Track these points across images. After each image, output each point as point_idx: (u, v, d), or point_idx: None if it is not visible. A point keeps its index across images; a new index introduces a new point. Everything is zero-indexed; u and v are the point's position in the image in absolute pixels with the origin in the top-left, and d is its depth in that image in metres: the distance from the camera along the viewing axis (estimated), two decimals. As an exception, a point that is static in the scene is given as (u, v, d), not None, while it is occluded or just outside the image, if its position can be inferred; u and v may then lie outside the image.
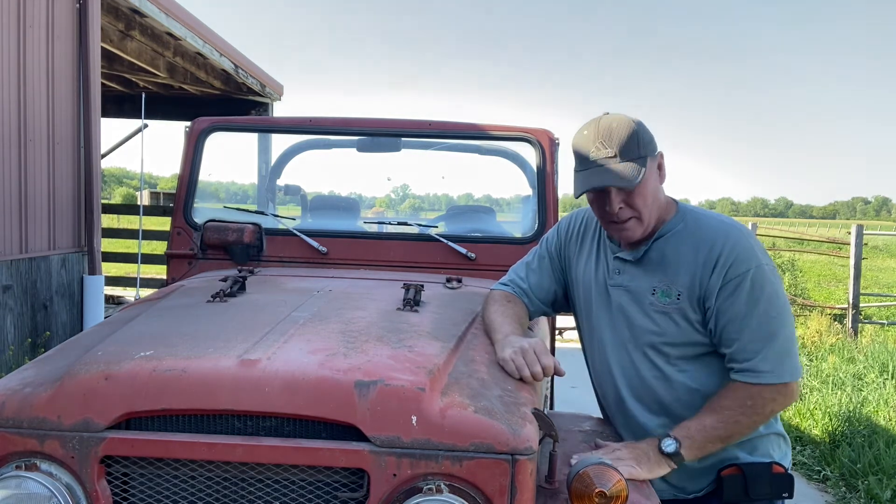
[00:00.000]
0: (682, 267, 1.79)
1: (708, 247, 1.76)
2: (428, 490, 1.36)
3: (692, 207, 1.89)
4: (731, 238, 1.76)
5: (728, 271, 1.73)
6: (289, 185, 3.63)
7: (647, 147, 1.77)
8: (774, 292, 1.75)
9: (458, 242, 2.78)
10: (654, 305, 1.81)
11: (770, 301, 1.73)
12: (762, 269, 1.73)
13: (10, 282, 5.06)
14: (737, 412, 1.71)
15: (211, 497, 1.43)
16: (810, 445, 4.91)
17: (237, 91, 10.43)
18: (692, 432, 1.72)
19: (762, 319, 1.72)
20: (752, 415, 1.72)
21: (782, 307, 1.75)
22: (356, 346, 1.57)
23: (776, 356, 1.71)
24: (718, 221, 1.82)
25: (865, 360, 6.81)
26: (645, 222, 1.80)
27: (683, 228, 1.83)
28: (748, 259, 1.73)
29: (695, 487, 1.87)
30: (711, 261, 1.75)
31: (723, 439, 1.73)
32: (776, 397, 1.72)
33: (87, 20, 5.82)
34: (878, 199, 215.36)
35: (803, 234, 20.45)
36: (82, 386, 1.43)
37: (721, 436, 1.72)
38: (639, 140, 1.75)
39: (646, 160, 1.75)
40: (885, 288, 14.62)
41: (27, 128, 5.19)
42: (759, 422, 1.76)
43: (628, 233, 1.81)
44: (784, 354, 1.72)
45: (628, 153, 1.73)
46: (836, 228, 46.08)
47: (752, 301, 1.72)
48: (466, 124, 3.01)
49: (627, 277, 1.87)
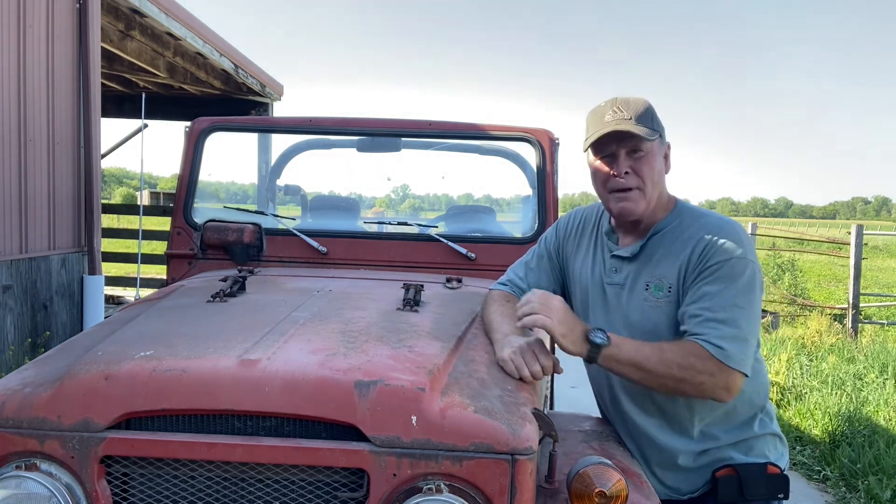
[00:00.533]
0: (672, 260, 1.79)
1: (697, 240, 1.77)
2: (428, 490, 1.36)
3: (691, 206, 1.90)
4: (722, 231, 1.76)
5: (710, 258, 1.73)
6: (289, 185, 3.64)
7: (660, 126, 1.81)
8: (749, 286, 1.71)
9: (458, 242, 2.79)
10: (648, 301, 1.81)
11: (741, 291, 1.70)
12: (744, 261, 1.72)
13: (10, 282, 5.06)
14: (674, 361, 1.65)
15: (211, 497, 1.43)
16: (810, 445, 4.91)
17: (237, 91, 10.43)
18: (624, 344, 1.67)
19: (727, 301, 1.68)
20: (684, 372, 1.64)
21: (750, 303, 1.70)
22: (356, 346, 1.57)
23: (732, 339, 1.66)
24: (714, 218, 1.83)
25: (865, 360, 6.80)
26: (647, 196, 1.80)
27: (678, 225, 1.83)
28: (732, 249, 1.73)
29: (689, 488, 1.87)
30: (697, 251, 1.75)
31: (643, 371, 1.66)
32: (715, 376, 1.65)
33: (87, 20, 5.82)
34: (878, 199, 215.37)
35: (803, 234, 20.46)
36: (82, 386, 1.43)
37: (645, 367, 1.66)
38: (653, 115, 1.80)
39: (658, 135, 1.79)
40: (885, 288, 14.63)
41: (27, 128, 5.19)
42: (685, 388, 1.67)
43: (630, 203, 1.80)
44: (738, 342, 1.66)
45: (643, 121, 1.77)
46: (836, 228, 46.08)
47: (725, 282, 1.70)
48: (466, 124, 3.02)
49: (623, 275, 1.87)
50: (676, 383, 1.67)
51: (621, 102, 1.80)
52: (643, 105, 1.80)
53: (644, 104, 1.80)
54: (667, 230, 1.84)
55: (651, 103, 1.82)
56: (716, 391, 1.67)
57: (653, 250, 1.84)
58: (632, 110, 1.78)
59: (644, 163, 1.78)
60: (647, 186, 1.79)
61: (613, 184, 1.81)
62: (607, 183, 1.83)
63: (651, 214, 1.84)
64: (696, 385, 1.66)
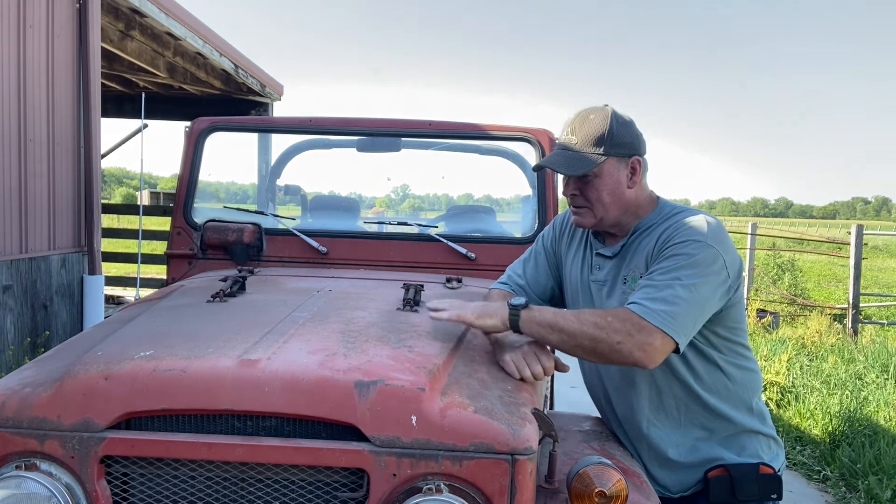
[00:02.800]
0: (643, 252, 1.82)
1: (663, 230, 1.79)
2: (428, 490, 1.36)
3: (673, 205, 1.91)
4: (690, 220, 1.77)
5: (668, 242, 1.75)
6: (289, 185, 3.64)
7: (616, 147, 1.81)
8: (699, 265, 1.67)
9: (458, 242, 2.79)
10: (626, 294, 1.82)
11: (687, 267, 1.66)
12: (701, 245, 1.69)
13: (10, 282, 5.06)
14: (591, 320, 1.63)
15: (211, 497, 1.43)
16: (810, 445, 4.91)
17: (237, 91, 10.43)
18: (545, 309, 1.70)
19: (669, 276, 1.67)
20: (600, 331, 1.60)
21: (695, 280, 1.65)
22: (356, 346, 1.57)
23: (661, 301, 1.62)
24: (689, 212, 1.84)
25: (865, 361, 6.81)
26: (597, 215, 1.86)
27: (656, 223, 1.85)
28: (691, 234, 1.73)
29: (681, 487, 1.88)
30: (662, 239, 1.77)
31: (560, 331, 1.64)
32: (633, 335, 1.59)
33: (87, 20, 5.82)
34: (878, 199, 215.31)
35: (803, 234, 20.46)
36: (82, 386, 1.43)
37: (561, 326, 1.64)
38: (608, 138, 1.80)
39: (608, 158, 1.80)
40: (885, 288, 14.63)
41: (27, 128, 5.19)
42: (601, 348, 1.61)
43: (578, 218, 1.90)
44: (667, 304, 1.62)
45: (589, 145, 1.80)
46: (836, 228, 46.09)
47: (673, 260, 1.70)
48: (466, 124, 3.02)
49: (605, 272, 1.90)
50: (593, 343, 1.61)
51: (578, 122, 1.84)
52: (599, 126, 1.80)
53: (602, 124, 1.80)
54: (645, 229, 1.86)
55: (622, 122, 1.82)
56: (633, 352, 1.59)
57: (631, 248, 1.87)
58: (581, 132, 1.81)
59: (591, 187, 1.83)
60: (594, 206, 1.85)
61: (568, 199, 1.91)
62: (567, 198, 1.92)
63: (630, 216, 1.88)
64: (613, 345, 1.60)
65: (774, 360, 6.55)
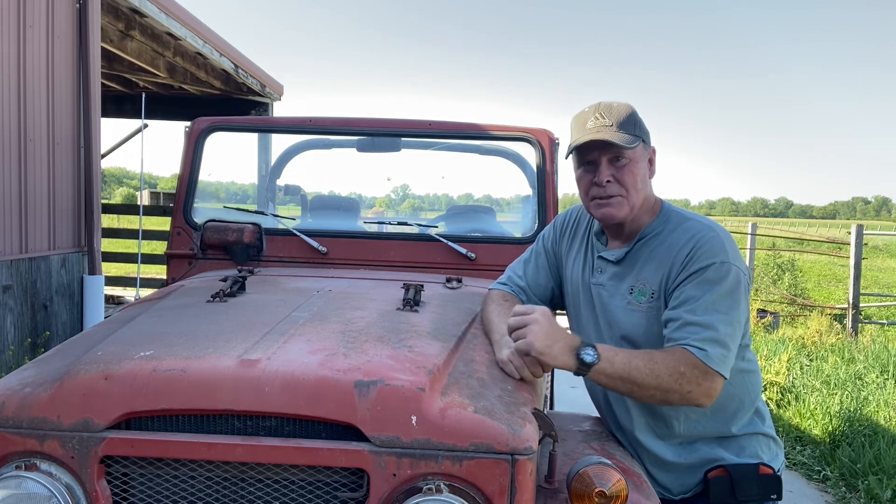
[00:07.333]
0: (656, 266, 1.80)
1: (680, 246, 1.77)
2: (428, 490, 1.36)
3: (677, 209, 1.90)
4: (704, 236, 1.76)
5: (692, 264, 1.73)
6: (289, 185, 3.64)
7: (643, 131, 1.81)
8: (730, 290, 1.70)
9: (458, 242, 2.79)
10: (631, 304, 1.82)
11: (722, 295, 1.68)
12: (726, 266, 1.71)
13: (10, 282, 5.06)
14: (664, 371, 1.62)
15: (211, 497, 1.43)
16: (810, 445, 4.91)
17: (237, 91, 10.43)
18: (616, 358, 1.63)
19: (707, 305, 1.67)
20: (673, 383, 1.62)
21: (730, 308, 1.69)
22: (356, 346, 1.57)
23: (711, 342, 1.64)
24: (697, 223, 1.82)
25: (866, 361, 6.81)
26: (630, 202, 1.81)
27: (663, 230, 1.84)
28: (714, 254, 1.72)
29: (681, 489, 1.87)
30: (681, 258, 1.75)
31: (634, 385, 1.63)
32: (700, 384, 1.63)
33: (87, 20, 5.82)
34: (878, 199, 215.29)
35: (803, 234, 20.47)
36: (82, 386, 1.43)
37: (637, 381, 1.62)
38: (636, 121, 1.80)
39: (641, 141, 1.79)
40: (885, 288, 14.63)
41: (27, 128, 5.19)
42: (672, 398, 1.65)
43: (612, 209, 1.81)
44: (717, 345, 1.65)
45: (625, 127, 1.77)
46: (836, 228, 46.08)
47: (706, 287, 1.69)
48: (466, 124, 3.02)
49: (607, 276, 1.89)
50: (664, 394, 1.64)
51: (604, 108, 1.80)
52: (626, 111, 1.79)
53: (627, 110, 1.80)
54: (652, 236, 1.84)
55: (634, 108, 1.81)
56: (700, 398, 1.65)
57: (638, 255, 1.84)
58: (614, 117, 1.78)
59: (626, 171, 1.79)
60: (629, 194, 1.80)
61: (595, 192, 1.82)
62: (590, 191, 1.84)
63: (637, 219, 1.85)
64: (684, 395, 1.64)
65: (774, 360, 6.55)
